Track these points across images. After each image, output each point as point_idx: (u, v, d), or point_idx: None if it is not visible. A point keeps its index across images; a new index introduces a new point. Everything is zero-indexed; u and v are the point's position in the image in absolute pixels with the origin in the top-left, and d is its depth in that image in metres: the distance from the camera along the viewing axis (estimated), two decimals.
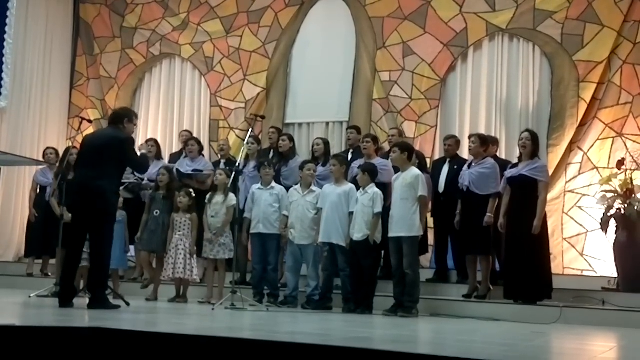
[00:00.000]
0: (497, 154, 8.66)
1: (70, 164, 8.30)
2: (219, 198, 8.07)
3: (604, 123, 9.23)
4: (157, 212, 8.22)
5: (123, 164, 6.82)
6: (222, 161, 9.50)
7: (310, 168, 8.03)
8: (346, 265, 7.53)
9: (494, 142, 8.64)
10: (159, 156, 9.58)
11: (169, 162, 9.74)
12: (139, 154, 7.15)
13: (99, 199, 6.48)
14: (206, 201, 8.13)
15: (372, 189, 7.48)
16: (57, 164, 9.09)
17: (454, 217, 7.97)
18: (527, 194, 7.39)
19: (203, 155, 9.69)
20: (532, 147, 7.54)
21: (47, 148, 9.96)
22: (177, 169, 8.95)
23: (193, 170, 9.08)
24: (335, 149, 9.21)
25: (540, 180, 7.45)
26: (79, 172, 6.76)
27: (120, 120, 6.85)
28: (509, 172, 7.58)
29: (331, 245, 7.61)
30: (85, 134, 8.15)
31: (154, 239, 8.16)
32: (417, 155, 8.34)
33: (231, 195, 7.99)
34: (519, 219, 7.36)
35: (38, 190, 9.70)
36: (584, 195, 9.17)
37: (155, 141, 9.79)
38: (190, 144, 9.44)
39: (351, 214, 7.52)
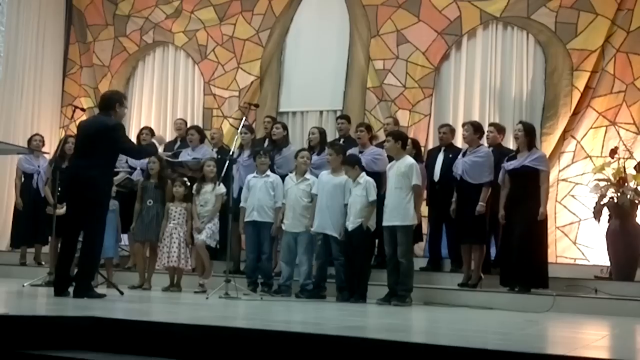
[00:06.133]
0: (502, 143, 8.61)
1: (65, 153, 8.27)
2: (208, 187, 8.07)
3: (597, 112, 9.24)
4: (150, 202, 8.23)
5: (115, 151, 6.77)
6: (214, 150, 9.48)
7: (304, 156, 8.02)
8: (340, 255, 7.53)
9: (501, 130, 8.58)
10: None
11: (163, 150, 9.71)
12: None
13: (91, 189, 6.45)
14: (194, 191, 8.13)
15: (364, 178, 7.48)
16: (53, 153, 9.07)
17: (449, 206, 7.98)
18: (528, 184, 7.42)
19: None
20: (524, 138, 7.55)
21: (35, 134, 9.93)
22: (167, 158, 8.92)
23: (193, 159, 9.07)
24: (329, 138, 9.21)
25: (542, 170, 7.48)
26: (72, 162, 6.75)
27: (111, 106, 6.72)
28: (509, 165, 7.58)
29: (325, 235, 7.61)
30: (78, 121, 8.09)
31: (150, 230, 8.17)
32: (413, 144, 8.38)
33: (220, 184, 7.99)
34: (520, 209, 7.38)
35: (23, 179, 9.66)
36: (577, 183, 9.19)
37: (150, 129, 9.77)
38: (190, 132, 9.47)
39: (346, 205, 7.52)
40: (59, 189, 7.88)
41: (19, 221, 9.75)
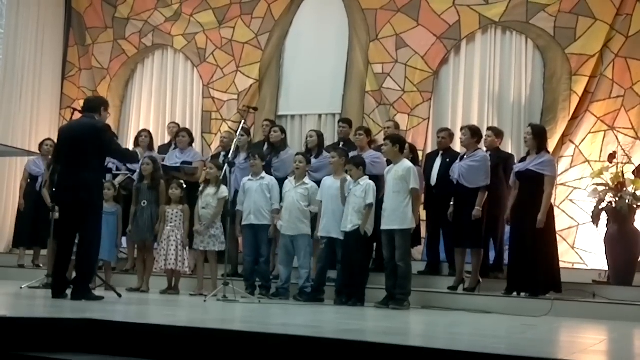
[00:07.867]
0: (500, 147, 8.62)
1: None
2: (210, 190, 8.06)
3: (595, 116, 9.25)
4: (144, 203, 8.26)
5: (103, 152, 6.80)
6: (222, 153, 9.43)
7: (297, 160, 8.00)
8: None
9: (499, 134, 8.61)
10: (151, 147, 9.56)
11: (158, 153, 9.71)
12: (130, 149, 7.10)
13: (84, 191, 6.48)
14: (198, 193, 8.13)
15: (365, 181, 7.47)
16: (51, 155, 9.05)
17: (447, 210, 7.99)
18: (534, 188, 7.38)
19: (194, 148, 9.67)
20: (534, 141, 7.51)
21: (47, 139, 9.87)
22: (163, 164, 8.93)
23: (182, 162, 9.07)
24: (327, 142, 9.21)
25: (546, 174, 7.43)
26: (62, 167, 6.72)
27: (96, 109, 6.83)
28: (517, 167, 7.60)
29: (330, 239, 7.60)
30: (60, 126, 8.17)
31: (144, 231, 8.20)
32: (410, 149, 8.38)
33: (223, 187, 7.99)
34: (525, 213, 7.36)
35: (29, 180, 9.69)
36: (576, 188, 9.19)
37: (148, 132, 9.78)
38: (181, 134, 9.43)
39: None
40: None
41: (20, 222, 9.80)
